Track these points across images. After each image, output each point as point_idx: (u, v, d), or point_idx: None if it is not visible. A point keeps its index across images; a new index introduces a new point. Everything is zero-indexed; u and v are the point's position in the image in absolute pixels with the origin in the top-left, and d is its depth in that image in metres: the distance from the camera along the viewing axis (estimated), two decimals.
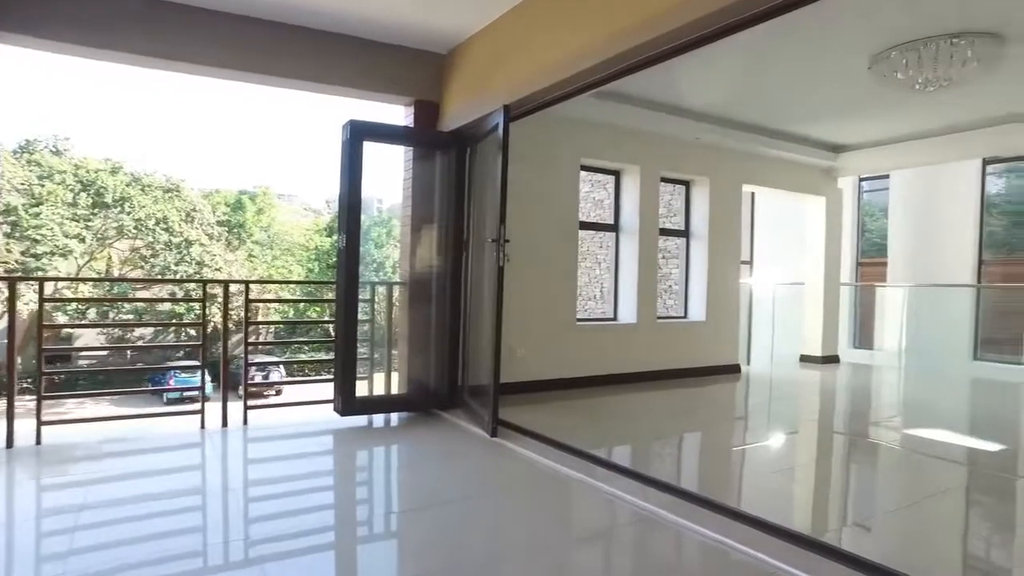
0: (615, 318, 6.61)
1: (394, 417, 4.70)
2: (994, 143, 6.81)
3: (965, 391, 7.58)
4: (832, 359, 8.34)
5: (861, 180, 10.01)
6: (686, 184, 7.16)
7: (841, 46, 4.69)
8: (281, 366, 20.45)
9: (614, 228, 6.63)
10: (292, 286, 24.11)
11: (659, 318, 6.75)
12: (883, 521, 3.07)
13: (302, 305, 22.83)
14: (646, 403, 5.79)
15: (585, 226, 6.52)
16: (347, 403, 4.44)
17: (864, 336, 9.20)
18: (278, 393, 17.12)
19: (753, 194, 9.15)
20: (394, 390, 5.07)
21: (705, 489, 3.34)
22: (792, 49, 4.69)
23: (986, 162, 8.74)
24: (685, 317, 7.15)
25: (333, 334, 4.99)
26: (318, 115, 60.48)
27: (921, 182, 9.22)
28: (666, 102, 6.03)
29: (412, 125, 5.00)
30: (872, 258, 10.34)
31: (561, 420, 4.84)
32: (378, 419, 4.63)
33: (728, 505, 2.84)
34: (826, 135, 7.31)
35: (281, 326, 24.21)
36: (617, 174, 6.59)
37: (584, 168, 6.24)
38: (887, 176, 9.62)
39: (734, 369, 7.29)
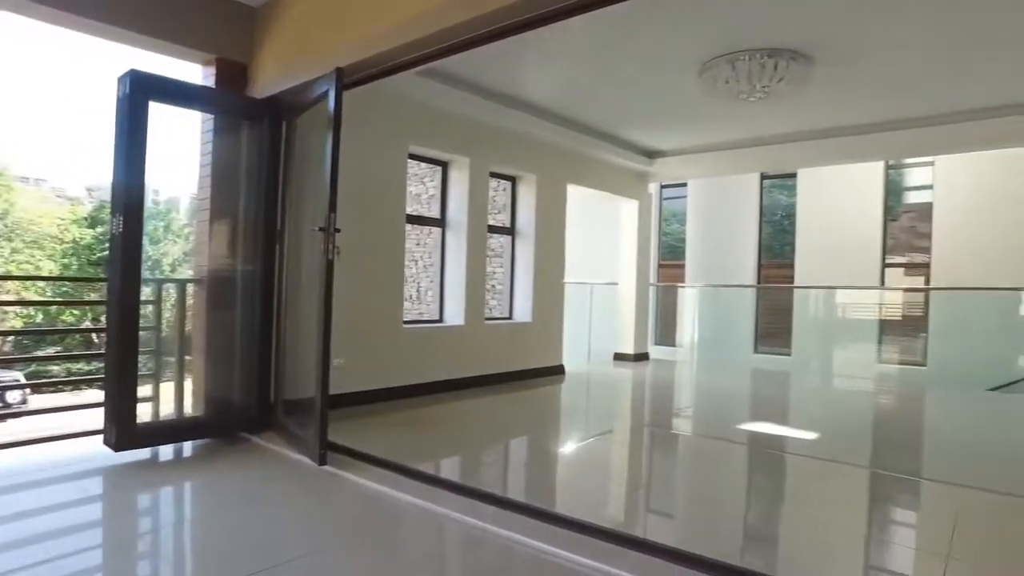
0: (441, 320, 6.21)
1: (188, 446, 3.79)
2: (785, 158, 7.56)
3: (747, 380, 8.39)
4: (643, 356, 8.77)
5: (662, 186, 10.75)
6: (512, 180, 6.98)
7: (676, 50, 4.76)
8: (24, 386, 16.85)
9: (440, 223, 6.22)
10: (41, 284, 20.12)
11: (487, 319, 6.49)
12: (685, 508, 3.35)
13: (55, 308, 19.17)
14: (480, 411, 5.47)
15: (412, 220, 6.02)
16: (124, 433, 3.46)
17: (667, 333, 9.87)
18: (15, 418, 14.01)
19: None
20: (188, 412, 4.14)
21: (546, 498, 3.25)
22: (631, 48, 4.67)
23: (763, 177, 9.84)
24: (510, 318, 6.97)
25: (102, 344, 3.93)
26: (78, 87, 51.68)
27: (713, 191, 10.14)
28: (504, 92, 5.77)
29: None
30: (669, 260, 11.17)
31: (397, 437, 4.29)
32: (166, 450, 3.70)
33: (560, 513, 2.76)
34: (646, 140, 7.60)
35: (23, 336, 19.96)
36: (445, 165, 6.19)
37: (412, 157, 5.75)
38: (684, 184, 10.44)
39: (559, 370, 7.28)
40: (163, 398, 4.09)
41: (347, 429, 4.02)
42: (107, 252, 3.85)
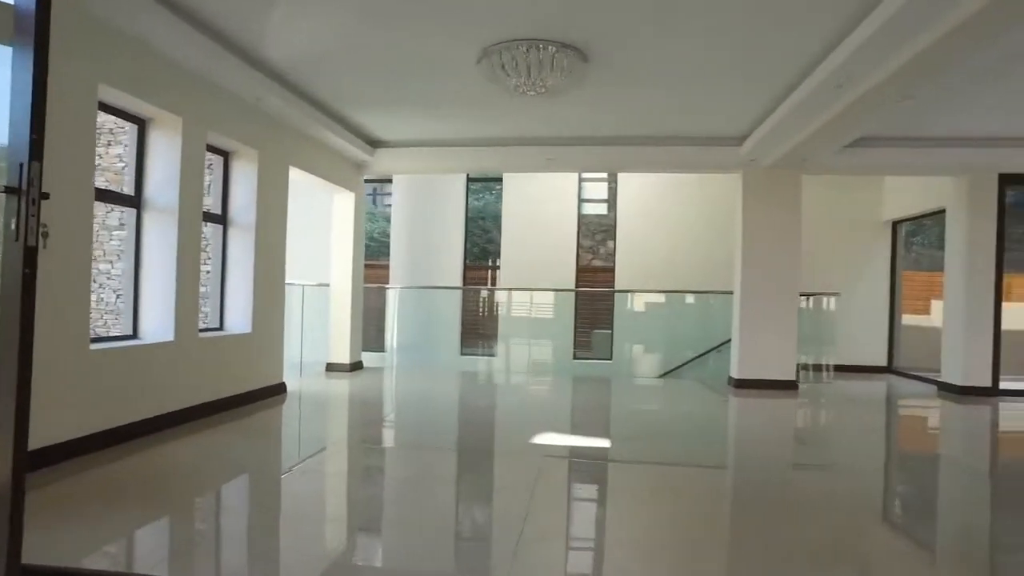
0: (135, 335, 4.52)
1: None
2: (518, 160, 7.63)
3: (455, 382, 8.31)
4: (358, 365, 7.96)
5: (366, 181, 10.01)
6: (225, 155, 5.53)
7: (456, 27, 4.25)
8: None
9: (135, 203, 4.52)
10: None
11: (201, 332, 4.99)
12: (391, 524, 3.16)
13: None
14: (192, 457, 4.07)
15: (101, 196, 4.23)
16: None
17: (376, 338, 9.19)
18: None
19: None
20: None
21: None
22: (411, 9, 3.97)
23: (469, 178, 9.94)
24: (221, 329, 5.52)
25: None
26: None
27: (421, 189, 9.83)
28: (239, 40, 4.43)
29: None
30: (369, 260, 10.49)
31: (89, 523, 2.81)
32: None
33: None
34: (372, 126, 6.82)
35: None
36: (144, 124, 4.52)
37: (103, 108, 4.01)
38: (390, 180, 9.91)
39: (280, 389, 6.05)
40: None
41: (34, 523, 2.48)
42: None
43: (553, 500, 3.47)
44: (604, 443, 5.05)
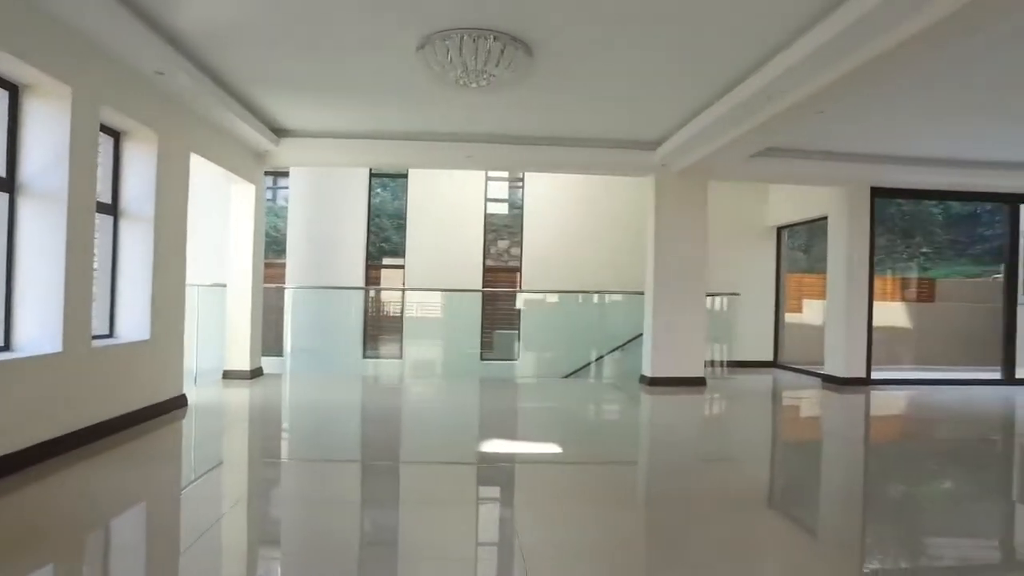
0: (7, 346, 3.77)
1: None
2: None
3: (357, 387, 7.82)
4: (259, 372, 7.29)
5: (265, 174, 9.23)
6: (117, 136, 4.80)
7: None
8: None
9: (6, 186, 3.77)
10: None
11: (95, 340, 4.27)
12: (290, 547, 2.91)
13: None
14: (82, 495, 3.46)
15: None
16: None
17: (275, 342, 8.48)
18: None
19: None
20: None
21: None
22: None
23: (372, 174, 9.48)
24: (111, 335, 4.78)
25: None
26: None
27: (320, 184, 9.23)
28: (142, 1, 3.82)
29: None
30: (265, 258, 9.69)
31: None
32: None
33: None
34: (279, 111, 6.23)
35: None
36: (16, 91, 3.78)
37: None
38: (286, 173, 9.22)
39: (180, 402, 5.37)
40: None
41: None
42: None
43: (463, 507, 3.39)
44: (515, 446, 4.92)
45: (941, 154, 7.40)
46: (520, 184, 9.83)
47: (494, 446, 4.87)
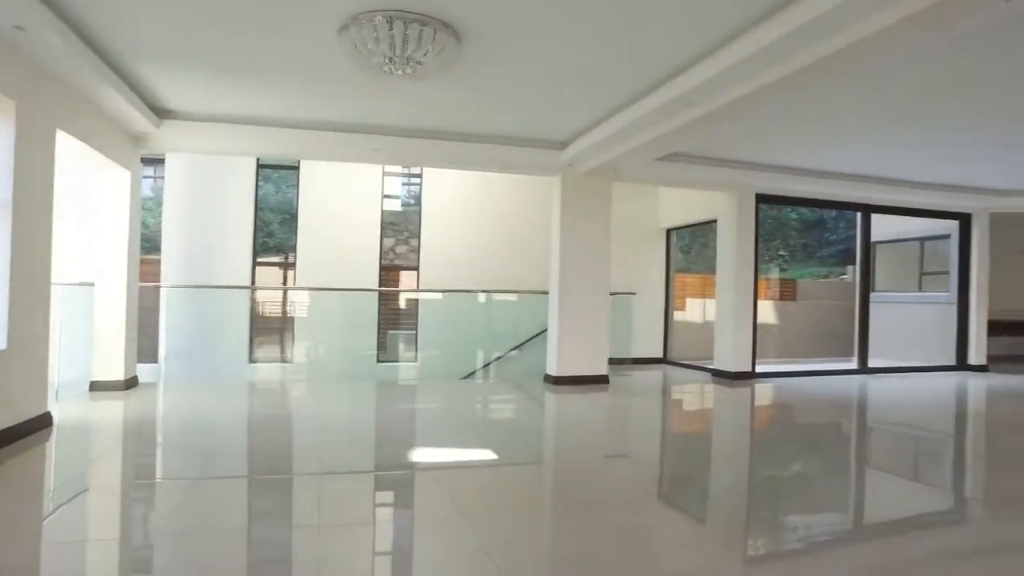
0: None
1: None
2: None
3: (243, 395, 7.19)
4: (132, 382, 6.45)
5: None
6: None
7: None
8: None
9: None
10: None
11: None
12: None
13: None
14: None
15: None
16: None
17: (150, 347, 7.56)
18: None
19: None
20: None
21: None
22: None
23: (259, 165, 8.78)
24: None
25: None
26: None
27: (200, 173, 8.39)
28: None
29: None
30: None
31: None
32: None
33: None
34: (162, 86, 5.51)
35: None
36: None
37: None
38: (158, 162, 8.28)
39: (45, 422, 4.59)
40: None
41: None
42: None
43: (358, 520, 3.23)
44: (416, 454, 4.60)
45: (812, 166, 8.10)
46: (419, 180, 9.53)
47: (392, 454, 4.55)
